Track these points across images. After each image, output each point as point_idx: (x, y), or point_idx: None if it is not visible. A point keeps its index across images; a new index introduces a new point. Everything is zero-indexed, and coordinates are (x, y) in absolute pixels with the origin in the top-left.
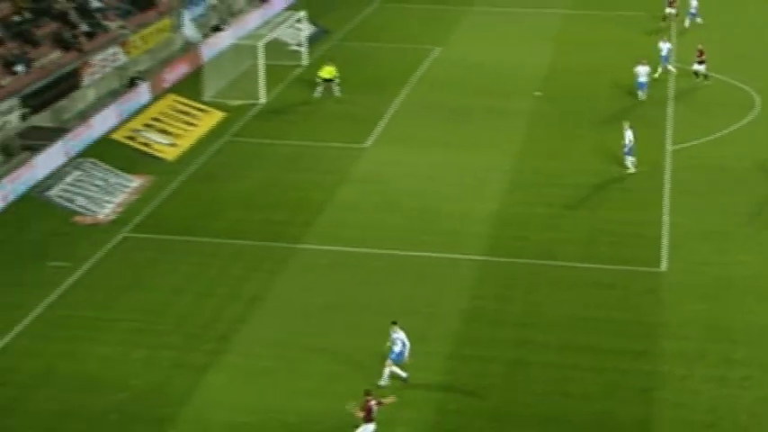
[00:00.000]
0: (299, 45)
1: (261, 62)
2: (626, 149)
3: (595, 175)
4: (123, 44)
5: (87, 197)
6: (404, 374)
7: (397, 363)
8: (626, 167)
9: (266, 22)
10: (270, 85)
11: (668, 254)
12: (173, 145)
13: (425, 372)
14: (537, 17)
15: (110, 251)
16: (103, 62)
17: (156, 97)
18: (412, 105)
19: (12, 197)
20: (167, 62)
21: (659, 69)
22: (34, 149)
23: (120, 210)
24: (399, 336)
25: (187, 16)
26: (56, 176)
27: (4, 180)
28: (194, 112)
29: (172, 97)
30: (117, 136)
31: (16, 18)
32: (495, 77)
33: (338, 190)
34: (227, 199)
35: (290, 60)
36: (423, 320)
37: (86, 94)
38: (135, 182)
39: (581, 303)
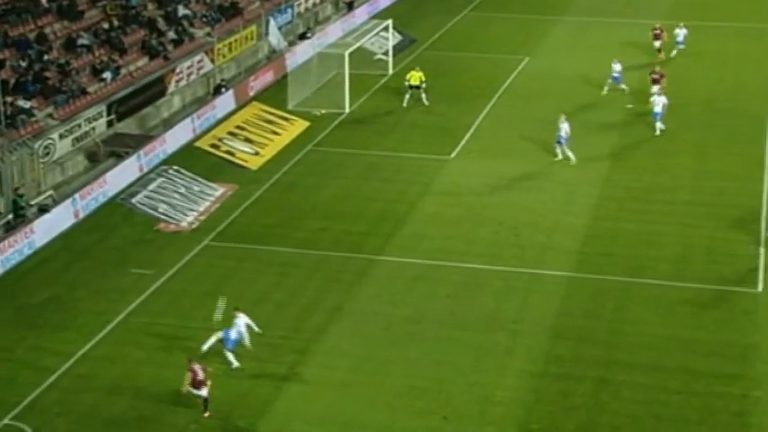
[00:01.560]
0: (384, 54)
1: (346, 71)
2: (561, 140)
3: (689, 192)
4: (209, 52)
5: (170, 205)
6: (235, 363)
7: (232, 350)
8: (567, 158)
9: (352, 31)
10: (355, 94)
11: (765, 275)
12: (256, 154)
13: (509, 390)
14: (632, 27)
15: (192, 259)
16: (189, 69)
17: (241, 105)
18: (499, 116)
19: (96, 203)
20: (252, 70)
21: (605, 88)
22: (119, 156)
23: (202, 218)
24: (240, 323)
25: (273, 24)
26: (140, 183)
27: (90, 186)
28: (278, 120)
29: (256, 106)
30: (201, 144)
31: (105, 25)
32: (585, 88)
33: (421, 202)
34: (309, 209)
35: (376, 70)
36: (507, 336)
37: (172, 102)
38: (218, 190)
39: (672, 323)
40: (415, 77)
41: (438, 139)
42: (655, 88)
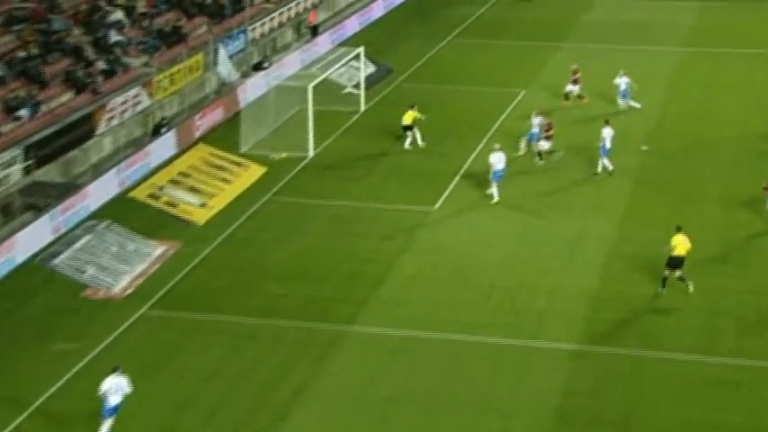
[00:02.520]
0: (356, 87)
1: (310, 107)
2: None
3: (714, 247)
4: (146, 84)
5: (100, 267)
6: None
7: (111, 416)
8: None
9: (317, 60)
10: (320, 134)
11: None
12: (203, 205)
13: None
14: (643, 55)
15: (125, 332)
16: (123, 106)
17: (185, 148)
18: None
19: (10, 266)
20: (199, 106)
21: (521, 147)
22: (39, 209)
23: (138, 282)
24: (116, 385)
25: (223, 52)
26: (63, 242)
27: (4, 245)
28: (230, 166)
29: (203, 148)
30: (137, 194)
31: (21, 53)
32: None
33: (399, 261)
34: (266, 270)
35: (346, 105)
36: (501, 420)
37: (102, 144)
38: (157, 249)
39: (697, 405)
40: (409, 116)
41: (419, 186)
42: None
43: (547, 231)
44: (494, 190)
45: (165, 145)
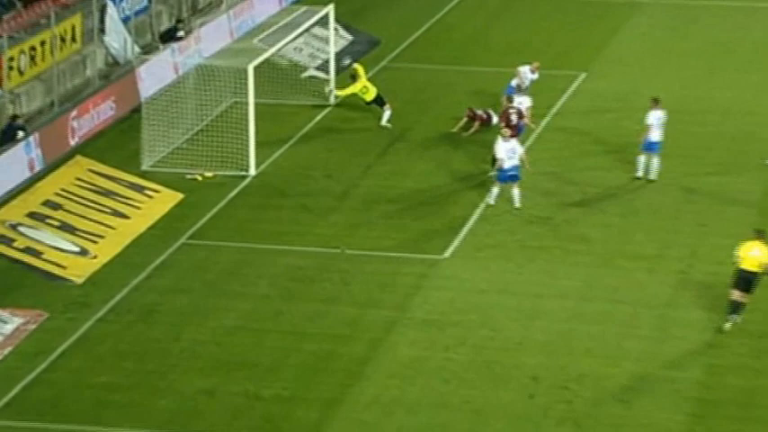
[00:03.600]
0: (322, 69)
1: (251, 100)
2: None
3: None
4: None
5: None
6: None
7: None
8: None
9: (261, 27)
10: (268, 142)
11: None
12: (84, 253)
13: None
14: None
15: None
16: None
17: (56, 163)
18: (527, 182)
19: None
20: (76, 99)
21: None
22: None
23: None
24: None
25: (113, 15)
26: None
27: None
28: (126, 191)
29: (83, 163)
30: None
31: None
32: (685, 130)
33: (391, 338)
34: (184, 356)
35: (307, 97)
36: None
37: None
38: (8, 324)
39: None
40: (370, 89)
41: (420, 220)
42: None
43: (615, 290)
44: (494, 191)
45: (18, 158)
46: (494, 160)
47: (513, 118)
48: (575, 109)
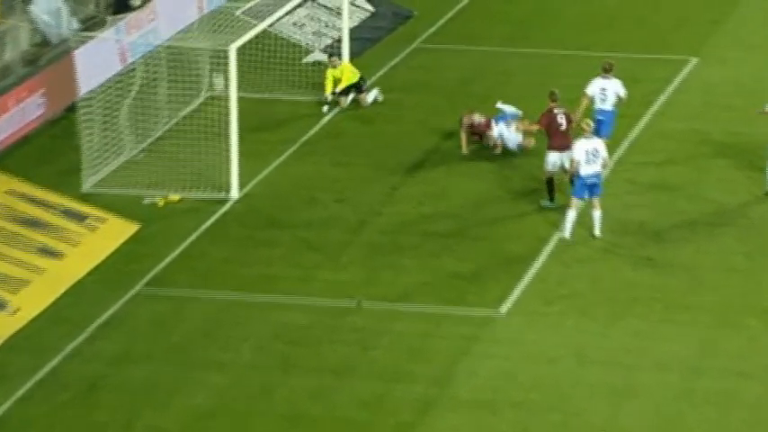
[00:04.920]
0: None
1: (233, 95)
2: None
3: None
4: None
5: None
6: None
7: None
8: None
9: None
10: (256, 154)
11: None
12: (0, 307)
13: None
14: None
15: None
16: None
17: None
18: (616, 203)
19: None
20: None
21: None
22: None
23: None
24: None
25: None
26: None
27: None
28: (58, 220)
29: (1, 181)
30: None
31: None
32: None
33: (425, 425)
34: None
35: (309, 92)
36: None
37: None
38: None
39: None
40: (349, 73)
41: (465, 264)
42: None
43: (739, 359)
44: (568, 216)
45: None
46: (550, 185)
47: (561, 120)
48: (683, 105)
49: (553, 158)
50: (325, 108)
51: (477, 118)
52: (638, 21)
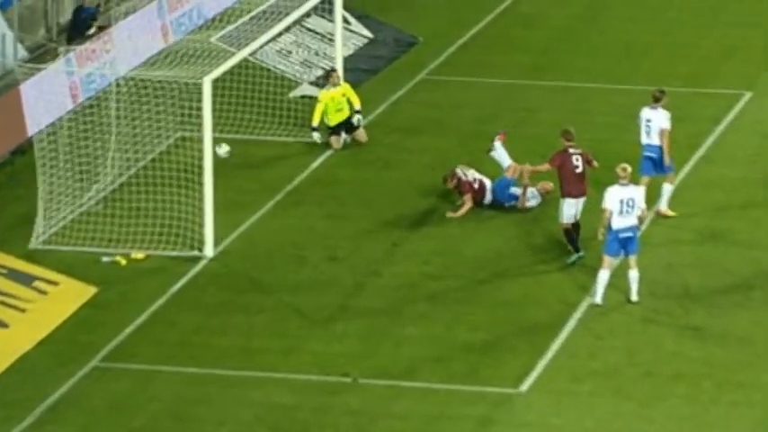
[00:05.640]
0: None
1: (207, 135)
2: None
3: None
4: None
5: None
6: None
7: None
8: None
9: (220, 16)
10: (234, 203)
11: None
12: None
13: None
14: None
15: None
16: None
17: None
18: (655, 263)
19: None
20: None
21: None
22: None
23: None
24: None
25: None
26: None
27: None
28: (3, 285)
29: None
30: None
31: None
32: None
33: None
34: None
35: (298, 132)
36: None
37: None
38: None
39: None
40: (338, 106)
41: (480, 334)
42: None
43: None
44: (600, 278)
45: None
46: (570, 235)
47: (578, 162)
48: (733, 148)
49: (569, 208)
50: (317, 136)
51: (463, 173)
52: (681, 48)
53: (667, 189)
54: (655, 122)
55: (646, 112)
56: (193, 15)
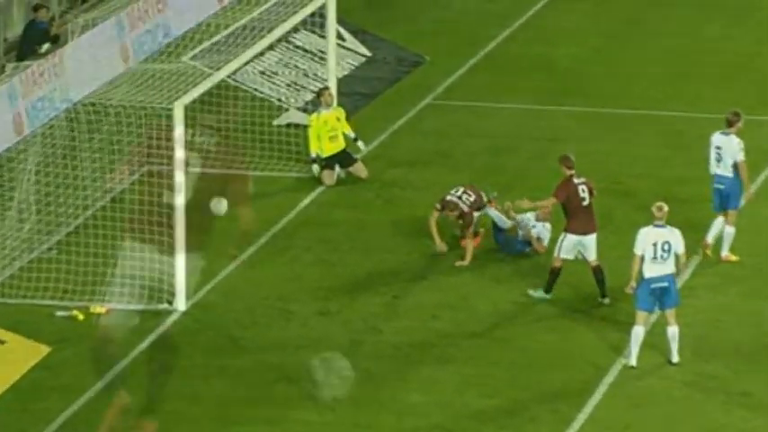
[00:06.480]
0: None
1: (179, 169)
2: None
3: None
4: None
5: None
6: None
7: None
8: None
9: (193, 33)
10: (213, 245)
11: None
12: None
13: None
14: None
15: None
16: None
17: None
18: (697, 317)
19: None
20: None
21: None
22: None
23: None
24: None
25: None
26: None
27: None
28: None
29: None
30: None
31: None
32: None
33: None
34: None
35: (285, 165)
36: None
37: None
38: None
39: None
40: (332, 132)
41: (499, 401)
42: None
43: None
44: (635, 333)
45: None
46: (554, 275)
47: (584, 194)
48: None
49: (570, 243)
50: (316, 168)
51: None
52: (732, 68)
53: (729, 231)
54: (726, 150)
55: (716, 139)
56: (158, 34)
